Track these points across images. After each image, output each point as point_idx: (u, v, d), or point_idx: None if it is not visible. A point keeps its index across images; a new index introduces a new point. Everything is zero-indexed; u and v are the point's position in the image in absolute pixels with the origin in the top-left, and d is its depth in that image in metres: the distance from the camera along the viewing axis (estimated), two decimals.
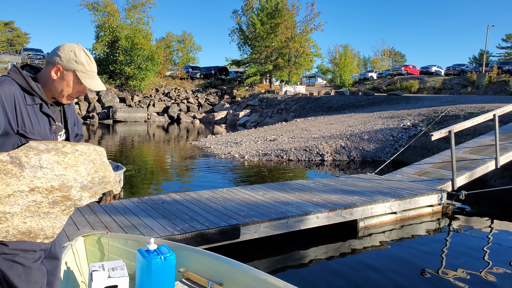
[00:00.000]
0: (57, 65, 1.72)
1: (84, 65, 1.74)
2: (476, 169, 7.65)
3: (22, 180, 1.68)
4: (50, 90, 1.77)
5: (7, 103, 1.61)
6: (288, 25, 37.09)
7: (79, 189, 1.83)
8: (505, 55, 62.68)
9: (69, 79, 1.75)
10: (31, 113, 1.71)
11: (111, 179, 1.93)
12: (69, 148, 1.77)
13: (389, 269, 4.54)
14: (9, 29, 47.67)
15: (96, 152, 1.87)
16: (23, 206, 1.71)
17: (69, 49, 1.72)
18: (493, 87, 29.83)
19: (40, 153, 1.70)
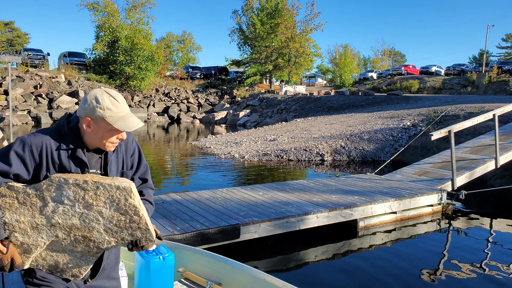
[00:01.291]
0: (86, 118, 1.67)
1: (111, 109, 1.66)
2: (476, 169, 7.65)
3: (44, 213, 1.68)
4: (90, 142, 1.73)
5: (36, 152, 1.64)
6: (288, 25, 37.08)
7: (102, 232, 1.71)
8: (505, 55, 62.69)
9: (102, 127, 1.67)
10: (63, 157, 1.70)
11: (141, 226, 1.72)
12: (91, 184, 1.67)
13: (389, 268, 4.55)
14: (9, 29, 47.66)
15: (120, 192, 1.68)
16: (46, 240, 1.72)
17: (91, 98, 1.66)
18: (493, 87, 29.83)
19: (61, 188, 1.67)
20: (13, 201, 1.67)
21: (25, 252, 1.72)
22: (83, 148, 1.73)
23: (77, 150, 1.71)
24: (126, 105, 1.71)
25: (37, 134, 1.67)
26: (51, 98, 27.78)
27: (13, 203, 1.67)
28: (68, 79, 30.37)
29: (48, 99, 27.80)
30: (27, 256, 1.72)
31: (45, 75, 29.59)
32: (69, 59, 34.52)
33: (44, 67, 32.25)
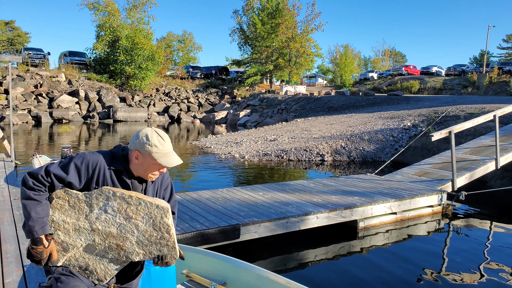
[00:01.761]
0: (135, 151, 1.94)
1: (158, 147, 1.92)
2: (476, 170, 7.64)
3: (88, 218, 1.89)
4: (135, 170, 1.99)
5: (91, 168, 1.90)
6: (288, 25, 37.08)
7: (134, 243, 1.90)
8: (506, 56, 62.64)
9: (147, 161, 1.94)
10: (112, 176, 1.96)
11: (169, 243, 1.92)
12: (134, 200, 1.89)
13: (388, 269, 4.54)
14: (9, 28, 47.66)
15: (158, 210, 1.90)
16: (84, 243, 1.90)
17: (143, 135, 1.94)
18: (493, 88, 29.82)
19: (108, 199, 1.89)
20: (64, 203, 1.88)
21: (63, 250, 1.91)
22: (129, 173, 1.99)
23: (123, 173, 1.98)
24: (170, 144, 1.99)
25: (95, 153, 1.95)
26: (52, 97, 27.79)
27: (64, 205, 1.88)
28: (68, 79, 30.37)
29: (49, 99, 27.81)
30: (63, 254, 1.90)
31: (46, 74, 29.60)
32: (69, 58, 34.53)
33: (45, 66, 32.26)
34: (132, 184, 2.01)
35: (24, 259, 3.56)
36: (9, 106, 24.51)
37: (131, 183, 2.00)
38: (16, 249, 3.80)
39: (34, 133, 19.72)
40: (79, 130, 21.91)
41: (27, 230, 1.82)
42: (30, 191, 1.82)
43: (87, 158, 1.90)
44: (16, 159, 9.47)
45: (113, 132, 21.67)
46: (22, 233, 4.23)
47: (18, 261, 3.53)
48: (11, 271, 3.31)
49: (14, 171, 7.83)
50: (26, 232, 1.83)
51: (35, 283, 3.13)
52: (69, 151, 8.81)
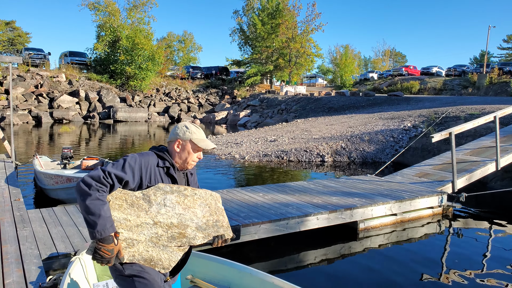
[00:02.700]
0: (177, 140, 2.19)
1: (196, 133, 2.20)
2: (477, 171, 7.64)
3: (149, 214, 2.03)
4: (177, 162, 2.20)
5: (143, 167, 2.06)
6: (289, 26, 37.08)
7: (194, 229, 2.10)
8: (506, 56, 62.62)
9: (188, 147, 2.19)
10: (161, 173, 2.13)
11: (224, 224, 2.18)
12: (190, 191, 2.09)
13: (389, 270, 4.54)
14: (10, 28, 47.67)
15: (212, 197, 2.14)
16: (147, 236, 2.04)
17: (182, 126, 2.22)
18: (494, 88, 29.81)
19: (166, 194, 2.05)
20: (122, 203, 2.00)
21: (126, 246, 2.03)
22: (174, 168, 2.18)
23: (170, 169, 2.16)
24: (203, 132, 2.25)
25: (144, 154, 2.11)
26: (52, 97, 27.79)
27: (122, 204, 2.00)
28: (68, 79, 30.37)
29: (49, 99, 27.82)
30: (128, 251, 2.03)
31: (46, 74, 29.60)
32: (70, 58, 34.53)
33: (45, 66, 32.26)
34: (178, 177, 2.21)
35: (24, 259, 3.56)
36: (9, 106, 24.52)
37: (177, 176, 2.20)
38: (17, 249, 3.80)
39: (35, 133, 19.72)
40: (80, 130, 21.91)
41: (99, 229, 1.89)
42: (95, 192, 1.90)
43: (139, 158, 2.05)
44: (17, 159, 9.47)
45: (113, 132, 21.67)
46: (22, 234, 4.23)
47: (18, 261, 3.53)
48: (11, 272, 3.32)
49: (14, 172, 7.84)
50: (96, 232, 1.89)
51: (35, 284, 3.14)
52: (69, 152, 8.81)
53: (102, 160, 8.83)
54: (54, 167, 8.78)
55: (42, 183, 7.32)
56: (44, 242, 4.05)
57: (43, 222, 4.70)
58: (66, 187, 6.62)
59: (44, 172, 7.22)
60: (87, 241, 4.10)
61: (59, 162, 8.87)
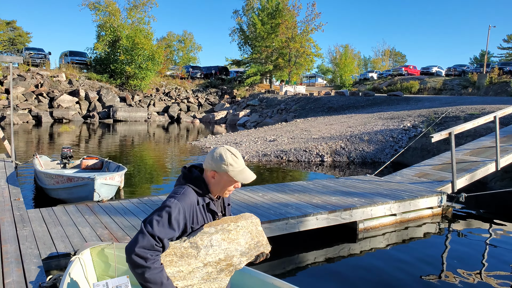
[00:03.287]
0: (211, 171, 2.07)
1: (233, 165, 2.04)
2: (476, 171, 7.64)
3: (198, 259, 2.07)
4: (213, 191, 2.12)
5: (187, 214, 2.01)
6: (288, 25, 37.08)
7: (239, 256, 2.16)
8: (506, 56, 62.65)
9: (224, 179, 2.07)
10: (202, 212, 2.09)
11: (264, 242, 2.23)
12: (232, 225, 2.13)
13: (388, 271, 4.55)
14: (10, 28, 47.69)
15: (253, 224, 2.20)
16: (199, 278, 2.10)
17: (217, 155, 2.06)
18: (494, 88, 29.82)
19: (211, 235, 2.07)
20: (173, 257, 2.03)
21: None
22: (213, 200, 2.14)
23: (210, 204, 2.12)
24: (243, 161, 2.11)
25: (184, 196, 2.02)
26: (52, 97, 27.80)
27: (173, 259, 2.03)
28: (69, 78, 30.38)
29: (49, 98, 27.82)
30: None
31: (46, 74, 29.61)
32: (70, 58, 34.53)
33: (45, 66, 32.26)
34: (217, 208, 2.18)
35: (24, 259, 3.57)
36: (10, 106, 24.51)
37: (216, 207, 2.17)
38: (16, 249, 3.80)
39: (35, 133, 19.72)
40: (79, 130, 21.91)
41: None
42: (153, 264, 1.88)
43: (181, 206, 1.98)
44: (16, 159, 9.47)
45: (113, 132, 21.67)
46: (22, 234, 4.23)
47: (18, 261, 3.54)
48: (11, 271, 3.32)
49: (14, 171, 7.84)
50: None
51: (35, 283, 3.14)
52: (69, 151, 8.82)
53: (102, 160, 8.84)
54: (54, 167, 8.78)
55: (43, 182, 7.33)
56: (44, 242, 4.06)
57: (42, 222, 4.70)
58: (67, 186, 6.63)
59: (45, 172, 7.23)
60: (87, 240, 4.11)
61: (59, 161, 8.87)
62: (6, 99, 25.71)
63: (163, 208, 1.96)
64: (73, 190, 6.58)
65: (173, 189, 2.13)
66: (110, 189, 6.66)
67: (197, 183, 2.09)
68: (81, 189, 6.43)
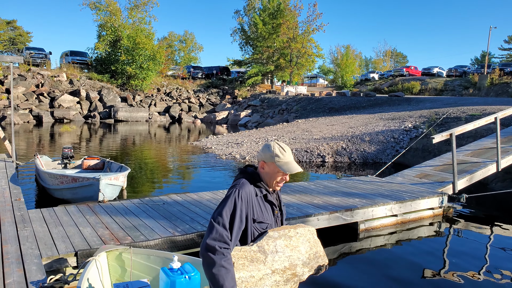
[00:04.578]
0: (261, 161, 2.20)
1: (279, 156, 2.15)
2: (477, 172, 7.63)
3: (266, 265, 2.09)
4: (265, 182, 2.21)
5: (249, 203, 2.10)
6: (290, 26, 37.07)
7: (301, 266, 2.18)
8: (507, 57, 62.53)
9: (272, 169, 2.17)
10: (260, 203, 2.18)
11: (321, 253, 2.27)
12: (292, 232, 2.18)
13: (389, 271, 4.54)
14: (11, 27, 47.73)
15: (310, 232, 2.25)
16: (268, 286, 2.09)
17: (266, 147, 2.20)
18: (495, 89, 29.78)
19: (275, 240, 2.11)
20: (245, 261, 2.05)
21: None
22: (269, 192, 2.22)
23: (267, 195, 2.21)
24: (291, 154, 2.20)
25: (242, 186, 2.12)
26: (53, 97, 27.82)
27: (244, 262, 2.05)
28: (69, 78, 30.39)
29: (50, 98, 27.84)
30: None
31: (47, 74, 29.63)
32: (71, 58, 34.55)
33: (46, 66, 32.28)
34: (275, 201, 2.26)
35: (25, 259, 3.57)
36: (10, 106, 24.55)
37: (273, 199, 2.25)
38: (17, 249, 3.80)
39: (35, 133, 19.74)
40: (80, 130, 21.92)
41: None
42: (220, 258, 1.90)
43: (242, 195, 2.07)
44: (17, 159, 9.48)
45: (114, 132, 21.68)
46: (22, 234, 4.23)
47: (19, 261, 3.53)
48: (12, 272, 3.32)
49: (15, 171, 7.84)
50: None
51: (36, 284, 3.14)
52: (70, 151, 8.82)
53: (103, 160, 8.84)
54: (55, 167, 8.79)
55: (46, 183, 7.32)
56: (45, 242, 4.05)
57: (43, 222, 4.70)
58: (71, 187, 6.64)
59: (49, 172, 7.22)
60: (87, 241, 4.11)
61: (60, 161, 8.87)
62: (6, 99, 25.74)
63: (226, 199, 2.06)
64: (77, 190, 6.59)
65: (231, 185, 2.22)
66: (114, 189, 6.66)
67: (252, 176, 2.21)
68: (86, 189, 6.44)
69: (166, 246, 4.24)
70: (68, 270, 3.77)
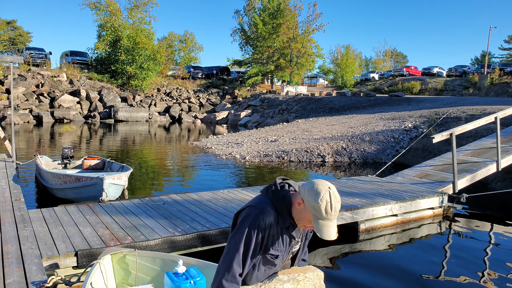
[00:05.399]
0: (301, 199, 1.88)
1: (321, 212, 1.79)
2: (477, 172, 7.63)
3: None
4: (294, 216, 1.93)
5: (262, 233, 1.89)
6: (290, 26, 37.08)
7: None
8: (507, 57, 62.53)
9: (306, 214, 1.86)
10: (279, 232, 1.94)
11: None
12: (301, 276, 2.17)
13: (389, 271, 4.54)
14: (11, 28, 47.72)
15: (317, 277, 2.24)
16: None
17: (315, 190, 1.81)
18: (495, 89, 29.78)
19: (283, 283, 2.09)
20: None
21: None
22: (294, 225, 1.98)
23: (290, 228, 1.97)
24: (336, 215, 1.83)
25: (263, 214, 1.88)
26: (53, 97, 27.82)
27: None
28: (70, 78, 30.40)
29: (50, 98, 27.85)
30: None
31: (47, 74, 29.63)
32: (71, 58, 34.55)
33: (46, 66, 32.29)
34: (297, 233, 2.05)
35: (25, 259, 3.57)
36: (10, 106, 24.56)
37: (296, 232, 2.03)
38: (17, 249, 3.80)
39: (35, 133, 19.74)
40: (80, 130, 21.93)
41: None
42: None
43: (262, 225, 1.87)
44: (17, 159, 9.48)
45: (114, 132, 21.68)
46: (23, 234, 4.23)
47: (19, 261, 3.53)
48: (12, 272, 3.32)
49: (15, 171, 7.84)
50: None
51: (36, 284, 3.14)
52: (69, 151, 8.82)
53: (103, 160, 8.84)
54: (55, 167, 8.79)
55: (49, 182, 7.32)
56: (45, 242, 4.06)
57: (43, 222, 4.70)
58: (75, 186, 6.65)
59: (53, 172, 7.23)
60: (87, 241, 4.11)
61: (60, 161, 8.87)
62: (6, 99, 25.74)
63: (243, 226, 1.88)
64: (81, 190, 6.60)
65: (257, 196, 2.02)
66: (117, 188, 6.68)
67: (281, 202, 1.92)
68: (90, 189, 6.45)
69: (166, 246, 4.24)
70: (68, 270, 3.77)
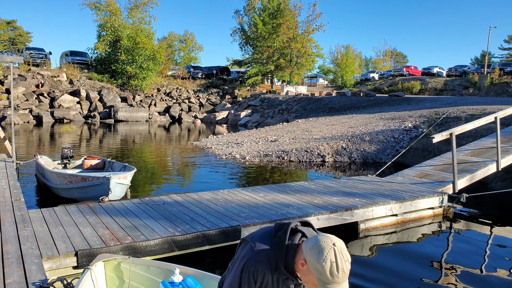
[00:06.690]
0: (304, 259, 1.68)
1: (325, 275, 1.57)
2: (477, 172, 7.63)
3: None
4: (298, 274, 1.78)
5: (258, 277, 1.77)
6: (290, 26, 37.09)
7: None
8: (507, 57, 62.56)
9: (309, 277, 1.68)
10: (275, 282, 1.82)
11: None
12: None
13: (389, 271, 4.54)
14: (11, 28, 47.75)
15: None
16: None
17: (318, 249, 1.60)
18: (494, 89, 29.78)
19: None
20: None
21: None
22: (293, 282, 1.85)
23: (288, 280, 1.83)
24: (344, 277, 1.59)
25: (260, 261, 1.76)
26: (53, 97, 27.82)
27: None
28: (69, 78, 30.40)
29: (50, 98, 27.85)
30: None
31: (47, 74, 29.63)
32: (71, 58, 34.56)
33: (46, 66, 32.30)
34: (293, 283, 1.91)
35: (25, 259, 3.57)
36: (10, 106, 24.55)
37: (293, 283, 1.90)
38: (17, 249, 3.80)
39: (35, 133, 19.74)
40: (80, 130, 21.93)
41: None
42: None
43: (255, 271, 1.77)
44: (17, 159, 9.48)
45: (114, 132, 21.68)
46: (23, 234, 4.23)
47: (19, 261, 3.53)
48: (12, 272, 3.32)
49: (15, 171, 7.84)
50: None
51: (36, 284, 3.14)
52: (69, 151, 8.82)
53: (104, 160, 8.83)
54: (55, 167, 8.78)
55: (53, 182, 7.31)
56: (45, 242, 4.06)
57: (43, 222, 4.70)
58: (81, 186, 6.65)
59: (58, 172, 7.22)
60: (87, 241, 4.11)
61: (60, 161, 8.87)
62: (6, 99, 25.74)
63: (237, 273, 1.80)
64: (87, 190, 6.60)
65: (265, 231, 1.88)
66: (122, 188, 6.69)
67: (281, 255, 1.77)
68: (96, 189, 6.45)
69: (166, 246, 4.24)
70: (68, 270, 3.78)
